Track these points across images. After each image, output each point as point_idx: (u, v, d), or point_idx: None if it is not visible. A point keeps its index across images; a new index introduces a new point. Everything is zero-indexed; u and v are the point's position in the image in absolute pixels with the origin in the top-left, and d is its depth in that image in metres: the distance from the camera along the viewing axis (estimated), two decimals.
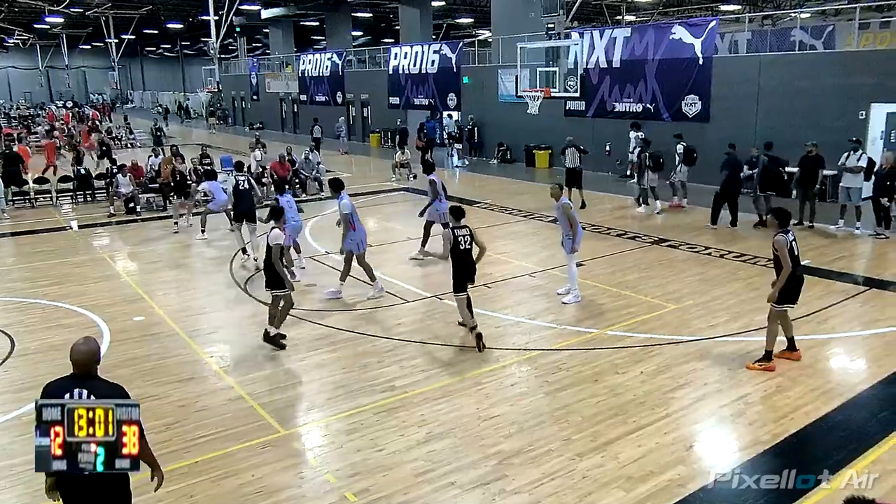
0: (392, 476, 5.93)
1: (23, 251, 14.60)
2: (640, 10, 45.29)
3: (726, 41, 25.59)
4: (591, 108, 23.05)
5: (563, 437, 6.49)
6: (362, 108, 35.95)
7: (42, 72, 76.04)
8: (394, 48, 33.73)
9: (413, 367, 8.14)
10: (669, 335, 9.00)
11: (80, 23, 55.06)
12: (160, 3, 48.91)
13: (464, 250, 8.57)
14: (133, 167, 19.08)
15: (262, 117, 44.38)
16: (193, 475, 5.99)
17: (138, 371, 8.20)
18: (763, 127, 18.27)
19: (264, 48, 62.14)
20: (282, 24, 48.45)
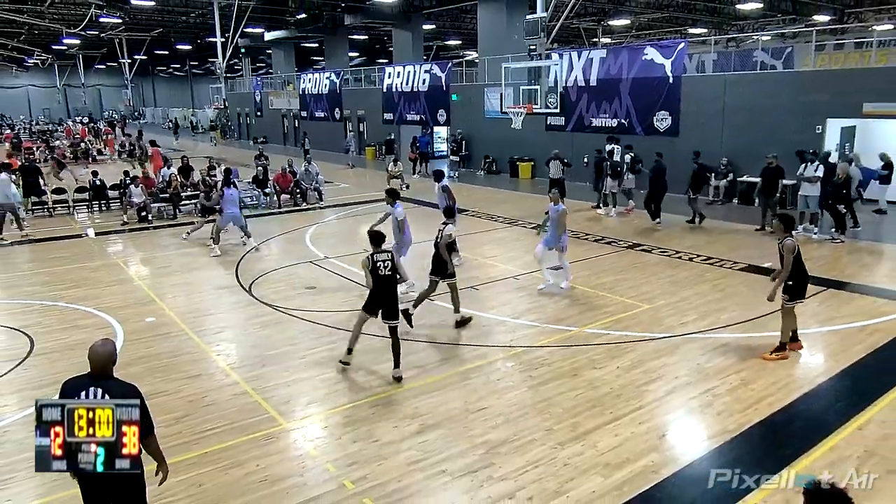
0: (387, 465, 5.91)
1: (41, 257, 14.47)
2: (615, 33, 45.52)
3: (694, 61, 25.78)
4: (570, 123, 23.12)
5: (546, 428, 6.50)
6: (359, 123, 35.91)
7: (60, 90, 75.67)
8: (387, 68, 33.71)
9: (406, 363, 8.11)
10: (643, 332, 9.02)
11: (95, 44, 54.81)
12: (170, 26, 48.75)
13: (382, 276, 7.64)
14: (145, 178, 18.98)
15: (266, 132, 44.22)
16: (202, 465, 5.96)
17: (150, 368, 8.15)
18: (728, 140, 18.39)
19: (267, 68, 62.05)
20: (283, 46, 48.39)
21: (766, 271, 11.81)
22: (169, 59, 74.63)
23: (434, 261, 9.57)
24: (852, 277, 11.45)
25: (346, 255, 13.75)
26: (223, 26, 37.97)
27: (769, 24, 39.34)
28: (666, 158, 17.49)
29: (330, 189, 22.40)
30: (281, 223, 17.77)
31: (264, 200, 20.27)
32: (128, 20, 42.96)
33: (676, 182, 17.76)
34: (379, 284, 7.67)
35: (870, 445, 6.05)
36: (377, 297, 7.75)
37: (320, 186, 20.93)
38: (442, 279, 9.58)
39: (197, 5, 40.55)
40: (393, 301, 7.75)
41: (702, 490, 5.51)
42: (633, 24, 41.80)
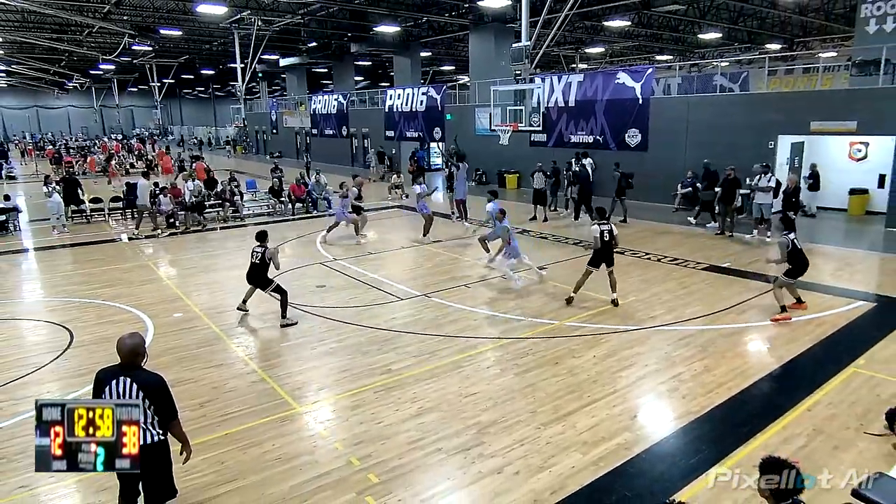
0: (389, 444, 5.90)
1: (80, 259, 14.40)
2: (591, 59, 45.58)
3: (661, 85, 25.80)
4: (552, 139, 23.14)
5: (530, 410, 6.49)
6: (363, 139, 35.87)
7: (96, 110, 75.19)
8: (389, 90, 33.68)
9: (406, 353, 8.11)
10: (617, 325, 9.03)
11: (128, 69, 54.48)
12: (195, 53, 48.60)
13: (255, 263, 9.44)
14: (173, 188, 18.90)
15: (281, 147, 44.14)
16: (224, 445, 5.94)
17: (177, 358, 8.12)
18: (691, 154, 18.41)
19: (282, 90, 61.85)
20: (297, 71, 48.28)
21: (726, 271, 11.88)
22: (194, 83, 74.37)
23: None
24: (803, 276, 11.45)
25: (353, 256, 13.73)
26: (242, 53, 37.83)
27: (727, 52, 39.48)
28: (635, 170, 17.92)
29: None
30: (295, 229, 17.73)
31: (280, 208, 20.23)
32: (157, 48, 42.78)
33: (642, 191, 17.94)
34: (251, 266, 9.44)
35: (818, 424, 6.07)
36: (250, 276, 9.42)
37: (329, 196, 20.89)
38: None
39: (219, 35, 40.39)
40: (261, 279, 9.52)
41: (669, 464, 5.52)
42: (607, 51, 41.88)
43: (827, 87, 20.24)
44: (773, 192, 14.50)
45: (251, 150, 50.04)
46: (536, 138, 23.59)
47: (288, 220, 19.22)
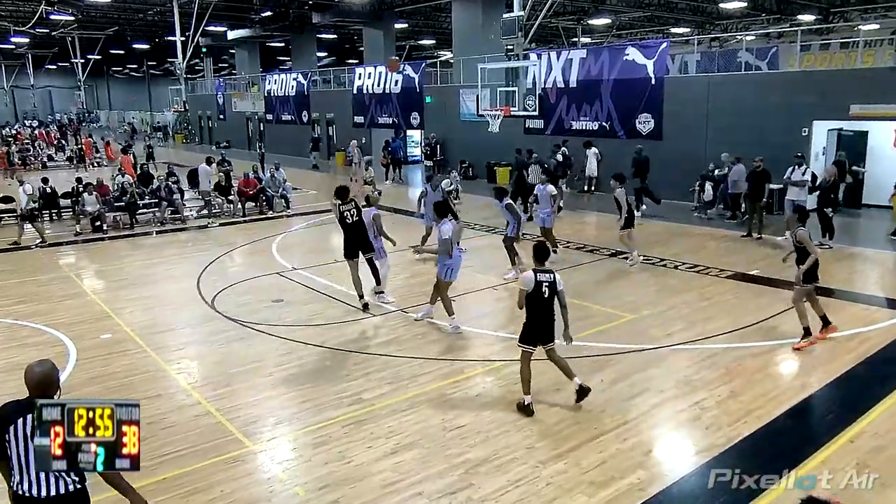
0: (360, 488, 5.86)
1: None
2: (595, 32, 45.99)
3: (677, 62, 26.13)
4: (550, 126, 23.30)
5: (527, 445, 6.50)
6: (327, 126, 35.83)
7: (7, 91, 74.40)
8: (358, 69, 33.73)
9: (380, 379, 8.08)
10: (627, 344, 9.08)
11: (45, 43, 53.99)
12: (126, 24, 48.23)
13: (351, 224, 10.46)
14: (99, 185, 18.72)
15: (229, 136, 43.95)
16: (162, 492, 5.85)
17: (105, 388, 8.01)
18: (713, 143, 18.63)
19: (230, 68, 61.70)
20: (247, 45, 48.17)
21: (754, 279, 12.01)
22: (125, 59, 73.79)
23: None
24: (843, 284, 11.63)
25: (315, 265, 13.67)
26: (183, 24, 37.62)
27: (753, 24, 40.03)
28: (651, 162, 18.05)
29: (297, 196, 22.26)
30: (245, 232, 17.63)
31: (227, 208, 20.11)
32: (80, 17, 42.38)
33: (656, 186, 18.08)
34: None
35: (862, 458, 6.13)
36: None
37: (287, 193, 20.82)
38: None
39: (155, 2, 40.14)
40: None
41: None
42: (613, 23, 42.26)
43: (869, 65, 20.59)
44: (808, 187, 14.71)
45: (193, 139, 49.74)
46: (532, 125, 23.74)
47: (238, 222, 19.11)
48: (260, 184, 20.50)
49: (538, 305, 7.04)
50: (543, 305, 7.06)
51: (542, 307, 7.06)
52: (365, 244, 10.60)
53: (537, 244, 7.41)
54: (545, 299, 7.04)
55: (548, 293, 7.03)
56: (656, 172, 18.50)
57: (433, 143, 27.79)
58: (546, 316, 7.13)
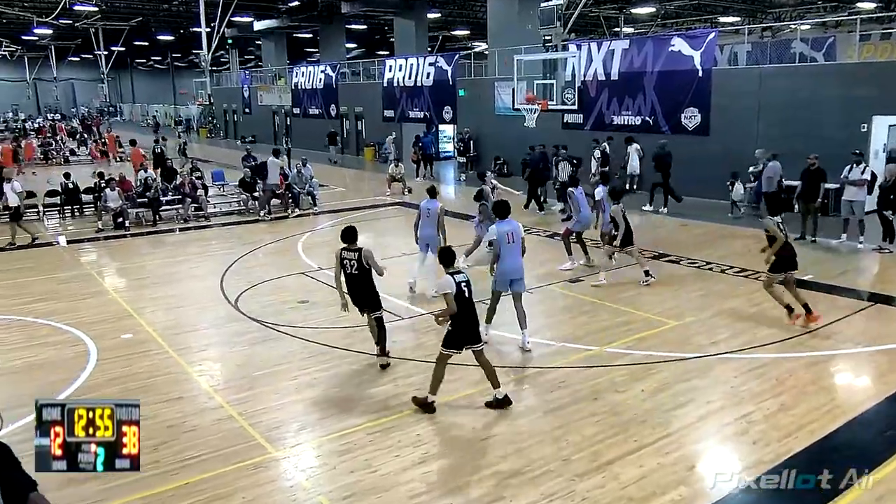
0: (386, 498, 5.89)
1: (8, 267, 14.52)
2: (639, 22, 45.64)
3: (726, 53, 25.80)
4: (590, 120, 23.15)
5: (563, 457, 6.46)
6: (356, 121, 36.04)
7: (30, 84, 76.23)
8: (388, 60, 33.88)
9: (408, 385, 8.10)
10: (670, 352, 8.98)
11: (68, 34, 55.24)
12: (151, 15, 49.08)
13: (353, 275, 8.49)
14: (121, 181, 19.08)
15: (255, 130, 44.43)
16: (182, 497, 5.94)
17: (126, 390, 8.15)
18: (764, 139, 18.35)
19: (257, 60, 62.37)
20: (274, 36, 48.66)
21: (808, 285, 11.80)
22: (149, 51, 75.11)
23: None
24: None
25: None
26: (208, 15, 38.20)
27: (808, 12, 39.38)
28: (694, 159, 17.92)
29: (324, 193, 22.45)
30: (271, 230, 17.81)
31: (253, 206, 20.34)
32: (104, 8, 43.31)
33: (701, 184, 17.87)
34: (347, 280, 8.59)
35: None
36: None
37: (314, 190, 20.99)
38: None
39: None
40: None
41: None
42: (658, 12, 41.88)
43: None
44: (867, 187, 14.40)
45: (218, 134, 50.40)
46: (571, 119, 23.62)
47: (263, 219, 19.32)
48: (286, 180, 20.69)
49: (463, 306, 7.31)
50: (468, 305, 7.35)
51: (467, 307, 7.35)
52: (369, 300, 8.61)
53: (443, 249, 7.89)
54: (467, 299, 7.33)
55: (467, 292, 7.34)
56: (701, 170, 18.30)
57: (466, 138, 27.78)
58: (472, 315, 7.46)
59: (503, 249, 9.06)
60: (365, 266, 8.35)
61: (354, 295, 8.58)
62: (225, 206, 20.95)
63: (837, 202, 15.73)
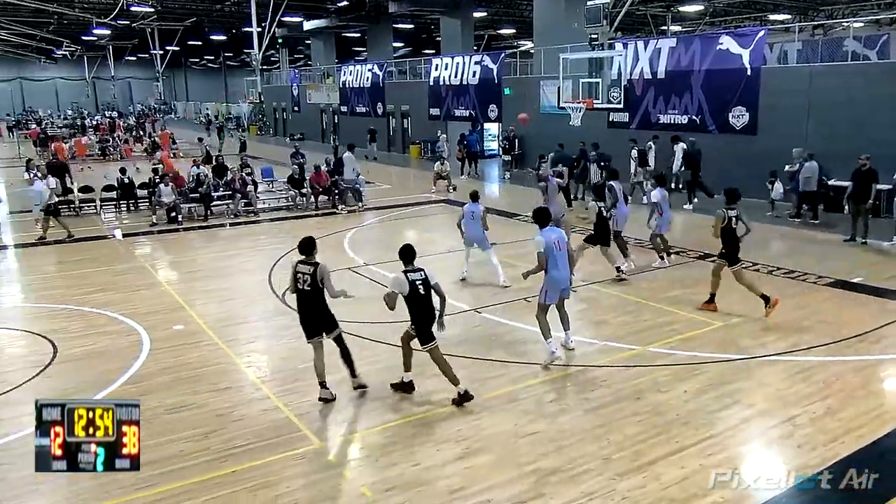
0: (427, 492, 5.91)
1: (67, 259, 14.97)
2: (686, 20, 44.88)
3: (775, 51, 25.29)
4: (635, 119, 22.87)
5: (603, 457, 6.41)
6: (402, 119, 36.20)
7: (88, 82, 78.45)
8: (435, 59, 33.95)
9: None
10: (714, 353, 8.84)
11: (126, 34, 56.62)
12: (204, 15, 50.01)
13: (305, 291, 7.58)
14: (175, 177, 19.48)
15: (303, 128, 44.96)
16: (230, 484, 6.06)
17: (177, 379, 8.34)
18: (813, 139, 17.92)
19: (306, 59, 63.09)
20: (323, 36, 49.12)
21: (856, 287, 11.52)
22: (202, 50, 76.54)
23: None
24: None
25: (386, 261, 13.84)
26: (260, 15, 38.79)
27: (862, 10, 38.28)
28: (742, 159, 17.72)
29: (370, 190, 22.60)
30: (317, 226, 18.00)
31: (301, 202, 20.59)
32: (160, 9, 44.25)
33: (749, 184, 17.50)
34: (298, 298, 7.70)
35: None
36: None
37: (360, 187, 21.16)
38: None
39: None
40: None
41: None
42: (706, 10, 41.13)
43: None
44: None
45: (268, 131, 51.11)
46: (616, 118, 23.37)
47: (310, 215, 19.54)
48: (333, 177, 20.90)
49: (419, 304, 7.44)
50: (423, 302, 7.47)
51: (422, 305, 7.47)
52: (322, 320, 7.74)
53: (403, 247, 7.68)
54: (423, 296, 7.45)
55: (423, 290, 7.44)
56: (749, 169, 17.94)
57: (511, 136, 27.69)
58: (429, 312, 7.56)
59: (553, 258, 8.44)
60: (318, 283, 7.47)
61: (304, 314, 7.69)
62: (273, 201, 21.25)
63: (889, 203, 15.34)
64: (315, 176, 20.65)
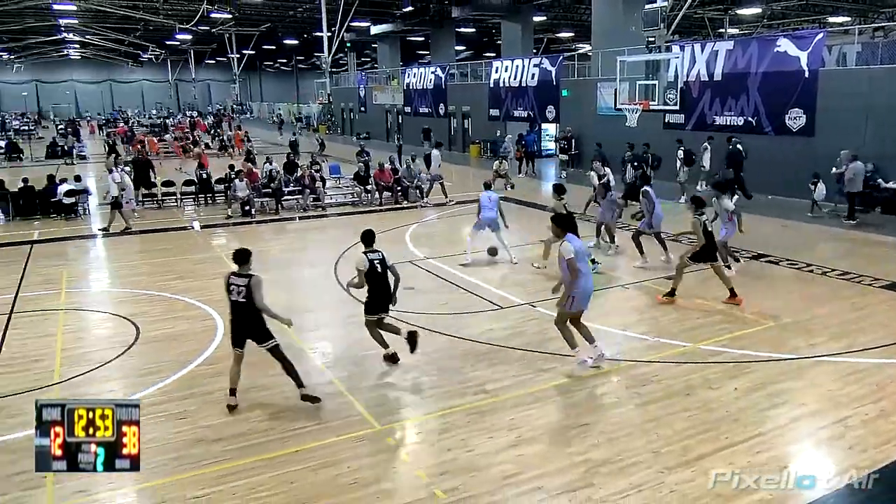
0: (480, 477, 5.92)
1: (150, 248, 15.48)
2: (744, 23, 43.61)
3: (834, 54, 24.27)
4: (691, 120, 22.34)
5: (652, 450, 6.31)
6: (463, 119, 36.21)
7: (172, 84, 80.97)
8: (495, 62, 33.82)
9: (504, 371, 8.11)
10: (766, 352, 8.59)
11: (206, 39, 58.21)
12: (278, 21, 51.00)
13: (238, 302, 7.42)
14: (249, 172, 19.92)
15: (369, 128, 45.38)
16: (294, 463, 6.18)
17: (247, 363, 8.46)
18: (872, 141, 17.23)
19: (372, 62, 63.68)
20: (389, 40, 49.49)
21: None
22: (276, 54, 78.10)
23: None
24: None
25: (446, 255, 13.89)
26: (330, 20, 39.38)
27: None
28: (799, 161, 17.35)
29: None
30: (381, 221, 18.16)
31: (366, 198, 20.81)
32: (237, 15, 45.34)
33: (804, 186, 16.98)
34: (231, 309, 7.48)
35: None
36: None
37: (422, 185, 21.26)
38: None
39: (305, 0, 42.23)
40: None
41: None
42: (764, 12, 39.85)
43: None
44: None
45: (336, 130, 51.81)
46: (672, 119, 22.89)
47: (374, 210, 19.73)
48: (396, 174, 21.06)
49: (376, 280, 8.19)
50: (379, 279, 8.19)
51: (378, 281, 8.20)
52: (256, 330, 7.43)
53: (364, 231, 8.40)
54: (380, 274, 8.17)
55: (381, 268, 8.15)
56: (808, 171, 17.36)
57: (569, 136, 27.41)
58: (384, 288, 8.25)
59: (584, 267, 7.97)
60: (252, 295, 7.30)
61: (238, 324, 7.42)
62: (340, 197, 21.53)
63: None
64: (379, 173, 20.84)
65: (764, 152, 19.24)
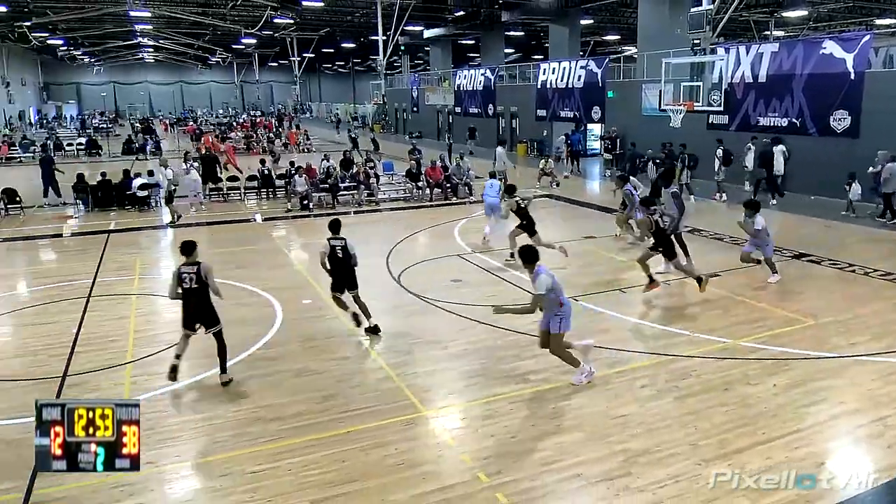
0: (522, 463, 5.92)
1: (215, 239, 15.83)
2: (789, 25, 42.24)
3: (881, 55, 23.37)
4: (735, 121, 21.76)
5: (690, 442, 6.20)
6: (511, 119, 36.03)
7: (237, 86, 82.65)
8: (543, 64, 33.52)
9: (547, 362, 8.04)
10: (806, 350, 8.35)
11: (269, 43, 59.22)
12: (336, 26, 51.50)
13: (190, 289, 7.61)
14: (307, 169, 20.20)
15: (421, 127, 45.51)
16: (345, 443, 6.27)
17: (305, 347, 8.69)
18: None
19: (425, 64, 63.78)
20: (441, 43, 49.52)
21: None
22: (334, 57, 78.93)
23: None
24: None
25: (492, 250, 13.87)
26: (385, 25, 39.62)
27: None
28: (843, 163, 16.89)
29: (480, 184, 22.58)
30: (431, 216, 18.23)
31: (417, 194, 20.90)
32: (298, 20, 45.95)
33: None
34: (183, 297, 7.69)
35: None
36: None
37: (471, 182, 21.25)
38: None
39: (361, 5, 42.58)
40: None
41: None
42: (810, 15, 38.49)
43: None
44: None
45: (390, 129, 52.12)
46: (716, 120, 22.34)
47: (425, 206, 19.80)
48: (446, 172, 21.08)
49: (335, 263, 9.00)
50: (339, 263, 8.99)
51: (338, 264, 9.01)
52: (206, 315, 7.70)
53: (331, 220, 9.26)
54: (340, 259, 8.95)
55: (342, 254, 8.93)
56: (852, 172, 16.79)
57: (613, 136, 27.03)
58: (342, 270, 9.04)
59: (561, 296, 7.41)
60: (203, 280, 7.54)
61: (191, 310, 7.64)
62: (392, 193, 21.67)
63: None
64: (430, 170, 20.89)
65: (808, 153, 18.69)
